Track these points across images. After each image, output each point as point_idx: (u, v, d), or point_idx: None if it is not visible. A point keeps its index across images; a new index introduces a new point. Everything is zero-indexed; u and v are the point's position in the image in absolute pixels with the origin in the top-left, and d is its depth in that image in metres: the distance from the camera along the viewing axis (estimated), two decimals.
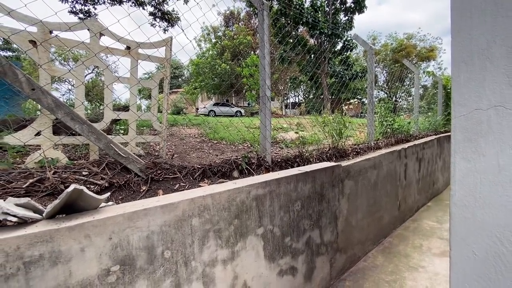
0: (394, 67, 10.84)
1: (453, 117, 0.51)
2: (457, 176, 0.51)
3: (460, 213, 0.51)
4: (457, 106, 0.50)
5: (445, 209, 4.23)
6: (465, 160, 0.50)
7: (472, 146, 0.49)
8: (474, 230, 0.50)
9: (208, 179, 2.06)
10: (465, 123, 0.49)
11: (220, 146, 3.70)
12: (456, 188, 0.51)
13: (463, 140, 0.50)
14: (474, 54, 0.46)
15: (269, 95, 2.51)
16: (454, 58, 0.49)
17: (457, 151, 0.51)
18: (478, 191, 0.49)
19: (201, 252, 1.32)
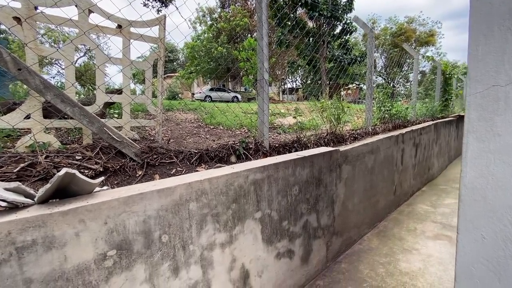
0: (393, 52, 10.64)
1: (468, 95, 0.48)
2: (469, 157, 0.48)
3: (470, 195, 0.49)
4: (473, 82, 0.47)
5: (439, 194, 4.30)
6: (478, 140, 0.47)
7: (487, 125, 0.46)
8: (484, 212, 0.48)
9: (205, 164, 2.03)
10: (481, 101, 0.46)
11: (217, 131, 3.66)
12: (467, 170, 0.48)
13: (478, 119, 0.47)
14: (494, 25, 0.42)
15: (267, 78, 2.44)
16: (472, 30, 0.45)
17: (470, 131, 0.48)
18: (490, 172, 0.46)
19: (199, 236, 1.32)
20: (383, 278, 2.17)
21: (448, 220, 3.26)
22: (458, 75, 10.26)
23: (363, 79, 18.93)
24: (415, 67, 6.42)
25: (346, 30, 15.40)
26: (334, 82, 12.75)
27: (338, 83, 10.03)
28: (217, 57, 19.41)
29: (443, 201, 3.94)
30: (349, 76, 13.44)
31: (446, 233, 2.94)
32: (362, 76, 20.03)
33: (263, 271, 1.69)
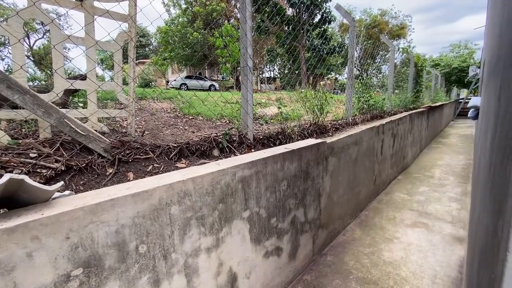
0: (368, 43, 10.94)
1: None
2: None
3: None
4: None
5: (414, 182, 4.48)
6: None
7: None
8: None
9: (186, 159, 1.86)
10: None
11: (196, 122, 3.44)
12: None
13: None
14: None
15: (251, 65, 2.28)
16: None
17: None
18: None
19: (182, 242, 1.17)
20: (368, 269, 2.18)
21: (423, 207, 3.40)
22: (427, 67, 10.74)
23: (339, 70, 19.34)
24: (391, 58, 6.55)
25: (325, 19, 15.41)
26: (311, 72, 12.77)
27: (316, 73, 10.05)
28: (193, 43, 18.56)
29: (417, 189, 4.11)
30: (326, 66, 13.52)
31: (422, 220, 3.05)
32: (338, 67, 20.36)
33: (251, 272, 1.60)
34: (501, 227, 0.53)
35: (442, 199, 3.68)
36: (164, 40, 19.31)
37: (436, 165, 5.55)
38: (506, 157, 0.58)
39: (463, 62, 19.82)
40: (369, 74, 9.31)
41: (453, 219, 3.06)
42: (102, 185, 1.48)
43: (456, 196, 3.78)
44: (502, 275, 0.43)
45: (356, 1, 41.67)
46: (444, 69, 19.60)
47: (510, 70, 0.77)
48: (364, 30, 29.68)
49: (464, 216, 3.12)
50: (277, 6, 14.77)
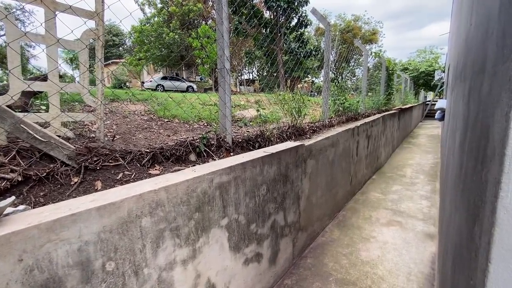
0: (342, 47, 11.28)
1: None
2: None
3: (511, 220, 0.39)
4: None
5: (387, 181, 4.67)
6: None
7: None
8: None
9: (160, 165, 1.77)
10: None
11: (172, 125, 3.31)
12: (508, 189, 0.39)
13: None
14: None
15: (228, 67, 2.23)
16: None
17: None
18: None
19: (155, 256, 1.09)
20: (347, 270, 2.21)
21: (397, 206, 3.54)
22: (397, 71, 11.33)
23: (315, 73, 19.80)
24: (364, 62, 6.80)
25: (302, 22, 15.73)
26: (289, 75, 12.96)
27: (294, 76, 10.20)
28: (169, 44, 18.08)
29: (391, 188, 4.29)
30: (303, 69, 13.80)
31: (397, 219, 3.17)
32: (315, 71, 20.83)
33: (230, 281, 1.54)
34: (479, 234, 0.53)
35: (414, 197, 3.86)
36: (139, 40, 18.63)
37: (407, 165, 5.83)
38: (479, 162, 0.59)
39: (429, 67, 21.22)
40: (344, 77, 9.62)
41: (424, 217, 3.21)
42: (66, 196, 1.36)
43: (427, 194, 3.99)
44: (484, 286, 0.43)
45: (331, 6, 43.09)
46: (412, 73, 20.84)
47: (479, 78, 0.79)
48: (339, 35, 30.76)
49: (434, 213, 3.29)
50: (254, 8, 14.85)
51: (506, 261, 0.41)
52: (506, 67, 0.43)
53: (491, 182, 0.46)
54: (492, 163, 0.47)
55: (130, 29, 19.69)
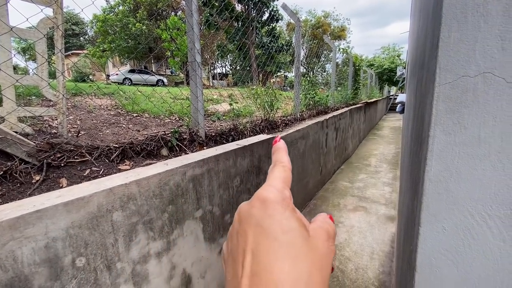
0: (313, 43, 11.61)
1: (437, 85, 0.45)
2: (435, 150, 0.47)
3: (434, 189, 0.48)
4: (443, 72, 0.44)
5: (354, 171, 4.97)
6: (445, 133, 0.45)
7: (454, 118, 0.44)
8: (446, 205, 0.47)
9: (130, 161, 1.73)
10: (450, 92, 0.44)
11: (142, 119, 3.21)
12: (432, 163, 0.47)
13: (446, 111, 0.45)
14: (468, 10, 0.40)
15: (199, 60, 2.22)
16: (445, 14, 0.42)
17: (438, 123, 0.46)
18: (455, 166, 0.46)
19: (128, 250, 1.09)
20: None
21: (363, 193, 3.80)
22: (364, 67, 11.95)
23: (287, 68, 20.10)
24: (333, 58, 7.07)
25: (273, 17, 15.81)
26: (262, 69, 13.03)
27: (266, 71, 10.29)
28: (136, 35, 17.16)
29: (357, 177, 4.58)
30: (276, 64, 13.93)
31: (362, 204, 3.41)
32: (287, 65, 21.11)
33: (206, 271, 1.58)
34: (416, 205, 0.62)
35: (378, 184, 4.17)
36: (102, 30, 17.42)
37: (372, 155, 6.24)
38: (419, 145, 0.69)
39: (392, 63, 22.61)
40: (314, 72, 9.90)
41: (386, 201, 3.50)
42: (28, 195, 1.28)
43: (389, 181, 4.33)
44: (417, 247, 0.52)
45: (302, 1, 43.84)
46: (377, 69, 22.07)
47: (422, 71, 0.90)
48: (309, 30, 31.43)
49: (395, 198, 3.60)
50: (225, 1, 14.61)
51: (431, 224, 0.50)
52: (432, 63, 0.51)
53: (422, 160, 0.55)
54: (423, 144, 0.56)
55: (92, 18, 18.31)
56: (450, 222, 0.48)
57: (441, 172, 0.47)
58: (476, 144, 0.44)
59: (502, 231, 0.44)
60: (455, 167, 0.46)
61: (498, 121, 0.42)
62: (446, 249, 0.49)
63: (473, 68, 0.42)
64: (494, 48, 0.40)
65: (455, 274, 0.49)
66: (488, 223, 0.44)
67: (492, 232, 0.44)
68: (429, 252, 0.51)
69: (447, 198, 0.48)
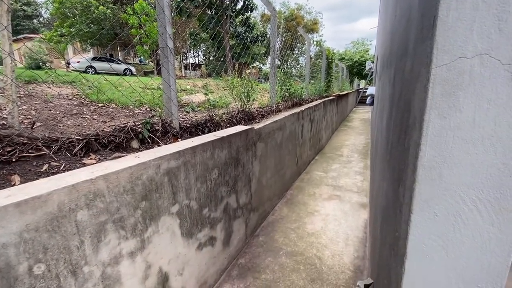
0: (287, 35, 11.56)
1: (434, 67, 0.43)
2: (430, 135, 0.46)
3: (427, 175, 0.47)
4: (441, 53, 0.42)
5: (328, 161, 5.12)
6: (440, 117, 0.44)
7: (450, 101, 0.43)
8: (438, 191, 0.47)
9: (96, 154, 1.58)
10: (446, 74, 0.42)
11: (108, 110, 2.97)
12: (426, 149, 0.46)
13: (441, 94, 0.43)
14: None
15: (171, 46, 2.08)
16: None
17: (433, 107, 0.45)
18: (448, 150, 0.45)
19: (96, 252, 0.99)
20: (295, 243, 2.39)
21: (336, 182, 3.93)
22: (335, 60, 12.27)
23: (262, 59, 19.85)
24: (307, 50, 7.12)
25: (247, 6, 15.50)
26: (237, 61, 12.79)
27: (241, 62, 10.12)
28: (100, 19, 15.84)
29: (331, 167, 4.72)
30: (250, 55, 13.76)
31: (336, 193, 3.53)
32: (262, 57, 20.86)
33: (184, 268, 1.52)
34: (403, 192, 0.62)
35: (350, 174, 4.34)
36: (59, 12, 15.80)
37: (344, 145, 6.48)
38: (403, 132, 0.68)
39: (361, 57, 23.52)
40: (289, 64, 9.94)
41: (358, 189, 3.65)
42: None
43: (360, 170, 4.52)
44: (407, 234, 0.51)
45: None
46: (348, 63, 22.83)
47: (402, 61, 0.90)
48: (283, 22, 31.43)
49: (366, 186, 3.77)
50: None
51: (424, 210, 0.49)
52: (424, 46, 0.49)
53: (412, 146, 0.54)
54: (413, 130, 0.55)
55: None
56: (441, 208, 0.48)
57: (435, 158, 0.46)
58: (471, 128, 0.43)
59: (492, 215, 0.44)
60: (449, 152, 0.45)
61: (492, 104, 0.41)
62: (437, 235, 0.49)
63: (470, 49, 0.40)
64: (491, 29, 0.39)
65: (445, 259, 0.49)
66: (479, 208, 0.44)
67: (482, 216, 0.44)
68: (420, 239, 0.51)
69: (439, 184, 0.47)
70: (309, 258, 2.19)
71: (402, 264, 0.55)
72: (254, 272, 2.03)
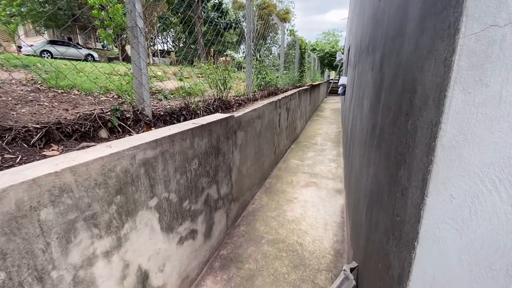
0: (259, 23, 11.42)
1: (462, 36, 0.40)
2: (452, 112, 0.43)
3: (447, 155, 0.44)
4: (470, 20, 0.39)
5: (303, 149, 5.21)
6: (464, 92, 0.41)
7: (476, 75, 0.40)
8: (457, 173, 0.44)
9: (59, 144, 1.40)
10: (475, 45, 0.39)
11: (70, 97, 2.67)
12: (447, 128, 0.43)
13: (468, 67, 0.40)
14: None
15: (141, 26, 1.89)
16: None
17: (457, 82, 0.41)
18: (471, 129, 0.42)
19: (66, 254, 0.87)
20: (276, 230, 2.40)
21: (312, 169, 4.02)
22: (308, 50, 12.39)
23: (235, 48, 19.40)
24: (282, 38, 7.06)
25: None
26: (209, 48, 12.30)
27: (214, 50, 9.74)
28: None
29: (306, 155, 4.81)
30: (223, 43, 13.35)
31: (313, 180, 3.60)
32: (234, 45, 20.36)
33: (165, 263, 1.43)
34: (406, 176, 0.60)
35: (325, 161, 4.45)
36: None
37: (318, 134, 6.64)
38: (403, 115, 0.65)
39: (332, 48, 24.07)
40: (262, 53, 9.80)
41: (333, 176, 3.76)
42: None
43: (334, 157, 4.67)
44: (420, 218, 0.49)
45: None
46: (319, 54, 23.24)
47: (395, 43, 0.87)
48: (256, 10, 30.87)
49: (340, 173, 3.90)
50: None
51: (440, 193, 0.47)
52: (443, 16, 0.45)
53: (423, 127, 0.51)
54: (423, 110, 0.52)
55: None
56: (459, 190, 0.46)
57: (455, 137, 0.44)
58: (496, 104, 0.40)
59: (511, 195, 0.43)
60: (471, 130, 0.43)
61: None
62: (452, 218, 0.47)
63: (503, 16, 0.37)
64: None
65: (458, 243, 0.48)
66: (498, 188, 0.43)
67: (501, 197, 0.43)
68: (434, 223, 0.49)
69: (458, 164, 0.45)
70: (291, 245, 2.20)
71: (410, 249, 0.54)
72: (237, 262, 2.00)
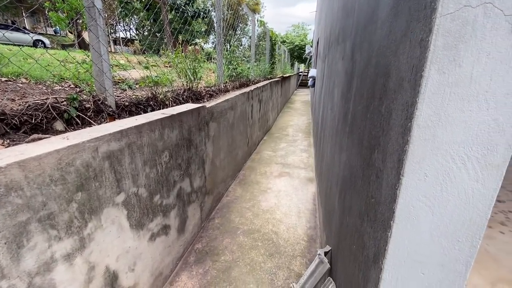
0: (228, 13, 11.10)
1: (439, 16, 0.40)
2: (428, 93, 0.43)
3: (422, 135, 0.45)
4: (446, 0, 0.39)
5: (276, 141, 5.27)
6: (439, 72, 0.42)
7: (451, 55, 0.41)
8: (430, 151, 0.46)
9: (4, 138, 1.23)
10: (450, 25, 0.40)
11: (16, 86, 2.36)
12: (423, 108, 0.44)
13: (444, 47, 0.41)
14: None
15: (100, 6, 1.72)
16: None
17: (433, 62, 0.42)
18: (444, 108, 0.43)
19: (18, 260, 0.77)
20: (251, 221, 2.40)
21: (285, 160, 4.08)
22: (278, 42, 12.44)
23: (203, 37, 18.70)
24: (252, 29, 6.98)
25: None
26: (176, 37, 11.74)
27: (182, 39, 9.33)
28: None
29: (279, 146, 4.88)
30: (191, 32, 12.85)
31: (285, 170, 3.67)
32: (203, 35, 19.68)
33: (135, 262, 1.35)
34: (381, 158, 0.61)
35: (296, 152, 4.55)
36: None
37: (289, 126, 6.75)
38: (377, 100, 0.66)
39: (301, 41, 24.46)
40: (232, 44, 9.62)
41: (305, 166, 3.87)
42: None
43: (305, 148, 4.79)
44: (395, 197, 0.50)
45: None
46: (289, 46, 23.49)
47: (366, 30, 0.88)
48: None
49: (312, 162, 4.02)
50: None
51: (415, 172, 0.48)
52: None
53: (398, 109, 0.52)
54: (398, 93, 0.53)
55: None
56: (432, 168, 0.47)
57: (430, 117, 0.45)
58: (468, 84, 0.42)
59: (478, 171, 0.45)
60: (445, 110, 0.44)
61: (490, 57, 0.40)
62: (425, 195, 0.49)
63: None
64: None
65: (430, 219, 0.50)
66: (467, 165, 0.45)
67: (469, 174, 0.46)
68: (409, 201, 0.50)
69: (432, 143, 0.46)
70: (266, 234, 2.23)
71: (386, 229, 0.55)
72: (213, 255, 1.97)
